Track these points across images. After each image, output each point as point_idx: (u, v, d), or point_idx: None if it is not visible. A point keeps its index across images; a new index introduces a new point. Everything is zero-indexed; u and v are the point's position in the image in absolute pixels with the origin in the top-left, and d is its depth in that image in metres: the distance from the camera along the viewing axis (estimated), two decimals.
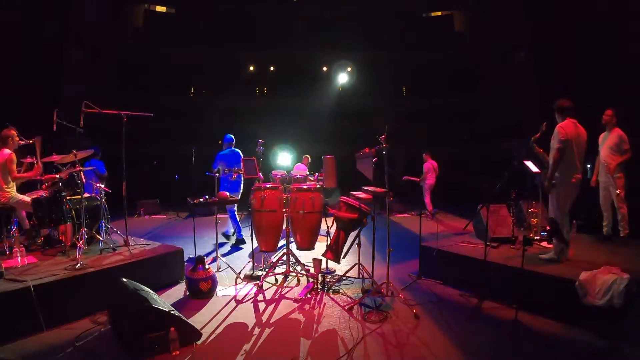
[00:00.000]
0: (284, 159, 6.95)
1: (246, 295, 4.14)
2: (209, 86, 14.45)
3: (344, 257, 4.27)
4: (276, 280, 4.61)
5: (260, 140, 5.03)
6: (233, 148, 6.37)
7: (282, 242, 4.80)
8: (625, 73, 7.23)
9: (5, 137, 4.42)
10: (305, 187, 4.63)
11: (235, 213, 6.46)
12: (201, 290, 4.00)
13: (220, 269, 4.88)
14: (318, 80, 14.26)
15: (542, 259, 3.96)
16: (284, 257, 4.61)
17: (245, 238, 6.44)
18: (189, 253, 4.96)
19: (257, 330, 3.32)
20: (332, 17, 13.91)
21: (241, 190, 6.31)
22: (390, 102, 14.29)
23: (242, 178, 6.18)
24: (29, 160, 5.02)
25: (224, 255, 5.67)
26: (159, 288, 4.04)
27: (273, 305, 3.87)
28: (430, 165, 9.17)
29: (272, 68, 14.51)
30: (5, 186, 4.33)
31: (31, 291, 3.08)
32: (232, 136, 6.48)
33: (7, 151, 4.36)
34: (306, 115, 13.57)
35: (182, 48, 13.49)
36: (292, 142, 8.75)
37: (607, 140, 4.79)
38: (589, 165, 5.36)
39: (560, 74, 8.86)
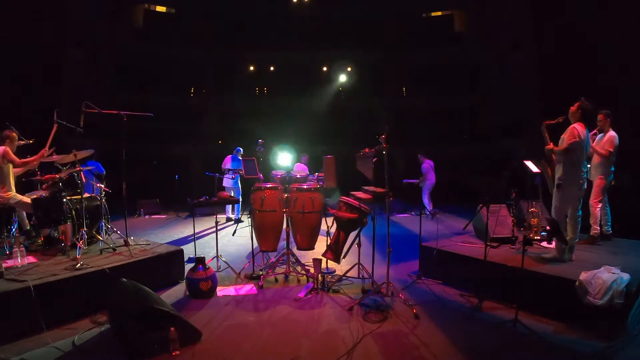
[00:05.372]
0: (284, 159, 6.97)
1: (246, 295, 4.13)
2: (209, 86, 14.43)
3: (344, 257, 4.27)
4: (276, 280, 4.61)
5: (260, 140, 5.03)
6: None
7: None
8: (625, 73, 7.23)
9: (4, 138, 4.42)
10: (305, 187, 4.64)
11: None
12: (201, 290, 4.00)
13: (220, 269, 4.88)
14: (318, 80, 14.25)
15: (544, 259, 3.96)
16: (284, 257, 4.62)
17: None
18: (189, 253, 4.95)
19: (257, 330, 3.32)
20: (332, 17, 13.90)
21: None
22: (390, 102, 14.29)
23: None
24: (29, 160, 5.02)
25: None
26: (159, 288, 4.04)
27: (273, 305, 3.87)
28: (427, 165, 9.19)
29: (272, 68, 14.49)
30: (4, 187, 4.32)
31: (31, 291, 3.08)
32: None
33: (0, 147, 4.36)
34: (306, 115, 13.56)
35: (182, 48, 13.47)
36: (292, 142, 8.76)
37: (600, 143, 4.78)
38: (588, 165, 5.38)
39: (560, 74, 8.86)
